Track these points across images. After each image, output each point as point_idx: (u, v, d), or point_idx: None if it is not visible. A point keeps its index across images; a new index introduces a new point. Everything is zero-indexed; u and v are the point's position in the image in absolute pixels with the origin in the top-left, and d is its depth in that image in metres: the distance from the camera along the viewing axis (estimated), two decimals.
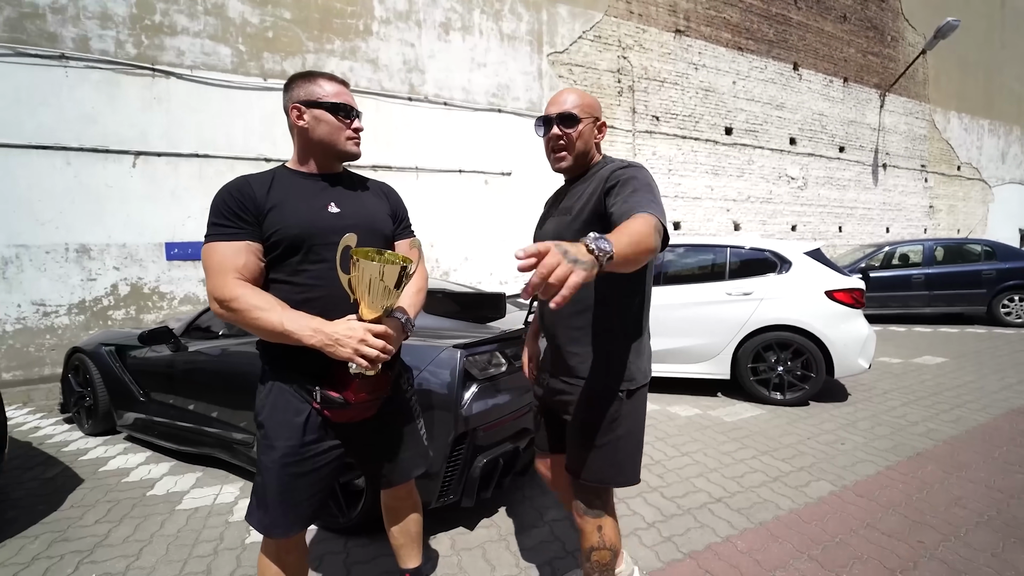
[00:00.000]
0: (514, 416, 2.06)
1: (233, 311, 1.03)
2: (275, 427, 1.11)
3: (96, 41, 4.81)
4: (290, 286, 1.12)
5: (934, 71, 12.96)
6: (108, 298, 4.88)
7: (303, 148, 1.21)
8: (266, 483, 1.11)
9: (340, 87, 1.20)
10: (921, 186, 12.93)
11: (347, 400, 1.10)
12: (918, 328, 6.84)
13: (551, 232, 1.26)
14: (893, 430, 2.99)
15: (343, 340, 1.02)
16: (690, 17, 8.71)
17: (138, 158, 4.94)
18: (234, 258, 1.06)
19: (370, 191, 1.32)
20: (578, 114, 1.20)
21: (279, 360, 1.14)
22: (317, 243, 1.12)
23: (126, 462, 2.84)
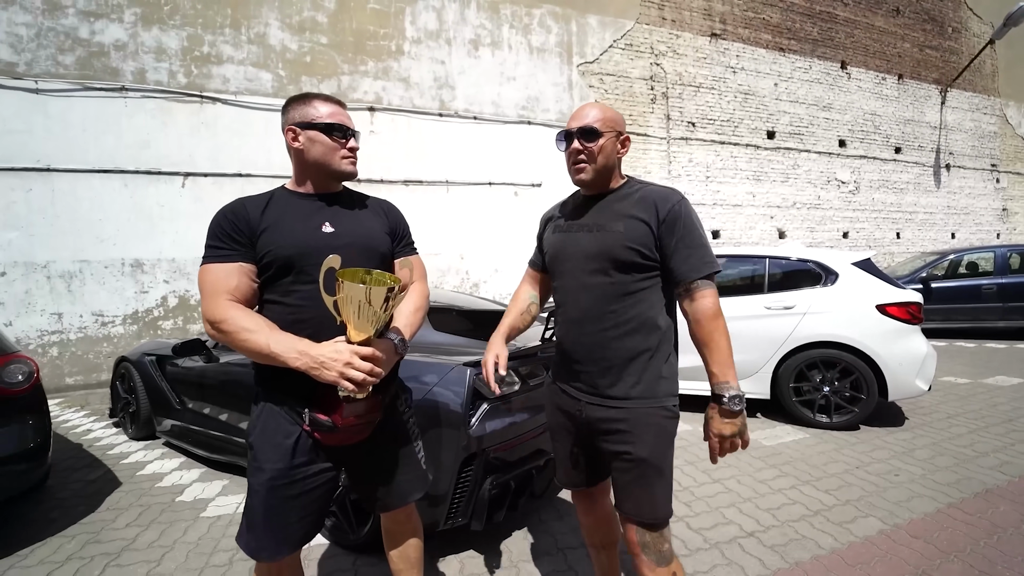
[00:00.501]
0: (529, 436, 1.99)
1: (223, 332, 1.04)
2: (264, 449, 1.10)
3: (152, 73, 5.21)
4: (282, 307, 1.12)
5: (1005, 62, 11.94)
6: (158, 309, 5.20)
7: (300, 169, 1.21)
8: (254, 505, 1.10)
9: (335, 107, 1.20)
10: (992, 187, 11.86)
11: (335, 424, 1.07)
12: (990, 344, 6.20)
13: (586, 246, 1.20)
14: (957, 461, 2.68)
15: (328, 363, 0.99)
16: (726, 20, 8.45)
17: (187, 179, 5.28)
18: (226, 280, 1.07)
19: (368, 209, 1.31)
20: (599, 128, 1.18)
21: (270, 382, 1.13)
22: (309, 263, 1.11)
23: (161, 467, 2.97)
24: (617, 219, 1.18)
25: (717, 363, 1.07)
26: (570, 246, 1.25)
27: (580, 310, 1.20)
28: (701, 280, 1.11)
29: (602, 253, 1.16)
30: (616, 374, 1.16)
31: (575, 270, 1.22)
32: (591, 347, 1.18)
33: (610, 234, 1.17)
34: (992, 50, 11.49)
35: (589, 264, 1.19)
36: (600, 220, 1.20)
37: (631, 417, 1.14)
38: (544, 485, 2.14)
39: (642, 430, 1.13)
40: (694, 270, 1.11)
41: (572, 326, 1.23)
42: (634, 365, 1.15)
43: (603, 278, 1.17)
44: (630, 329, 1.15)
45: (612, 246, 1.15)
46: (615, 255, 1.15)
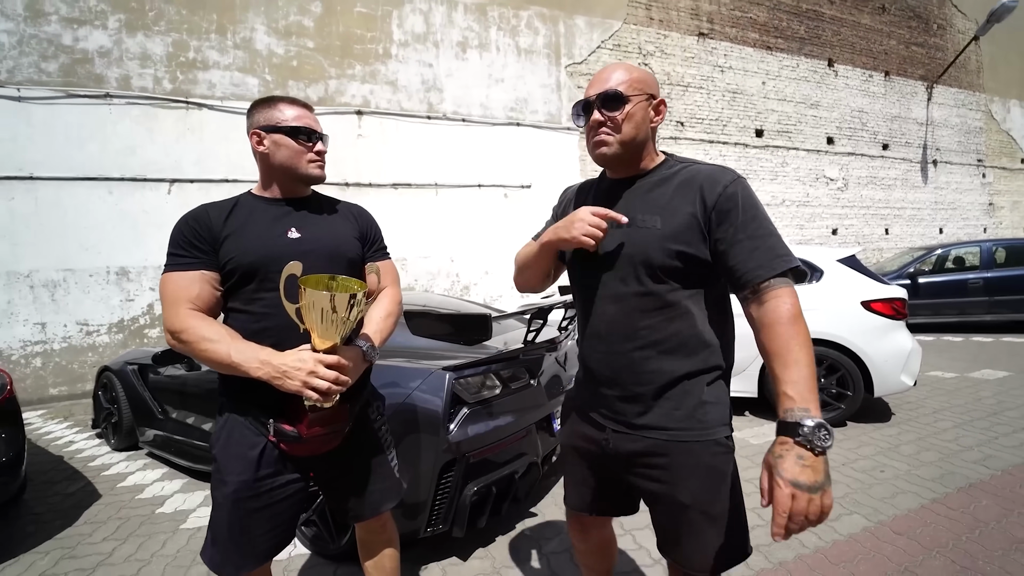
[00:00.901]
0: (510, 441, 1.97)
1: (184, 342, 1.02)
2: (228, 461, 1.08)
3: (136, 79, 5.16)
4: (246, 315, 1.10)
5: (988, 58, 12.07)
6: (144, 317, 5.14)
7: (265, 173, 1.20)
8: (218, 519, 1.08)
9: (301, 110, 1.19)
10: (979, 182, 11.98)
11: (300, 434, 1.05)
12: (977, 338, 6.24)
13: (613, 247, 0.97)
14: (942, 456, 2.69)
15: (291, 372, 0.97)
16: (714, 19, 8.50)
17: (173, 185, 5.24)
18: (187, 288, 1.05)
19: (338, 214, 1.29)
20: (625, 91, 0.93)
21: (234, 392, 1.11)
22: (273, 270, 1.08)
23: (143, 478, 2.93)
24: (653, 211, 0.94)
25: (793, 381, 0.77)
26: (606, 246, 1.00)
27: (606, 324, 0.99)
28: (774, 279, 0.84)
29: (633, 256, 0.94)
30: (648, 401, 0.96)
31: (599, 275, 1.00)
32: (619, 369, 0.98)
33: (644, 231, 0.94)
34: (976, 46, 11.61)
35: (617, 269, 0.97)
36: (631, 212, 0.96)
37: (671, 452, 0.94)
38: (527, 489, 2.13)
39: (685, 470, 0.93)
40: (762, 267, 0.85)
41: (597, 342, 1.02)
42: (673, 391, 0.94)
43: (634, 287, 0.95)
44: (668, 348, 0.94)
45: (646, 247, 0.93)
46: (650, 258, 0.92)
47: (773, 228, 0.89)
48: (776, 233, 0.89)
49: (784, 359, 0.80)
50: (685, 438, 0.93)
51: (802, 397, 0.76)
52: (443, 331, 2.00)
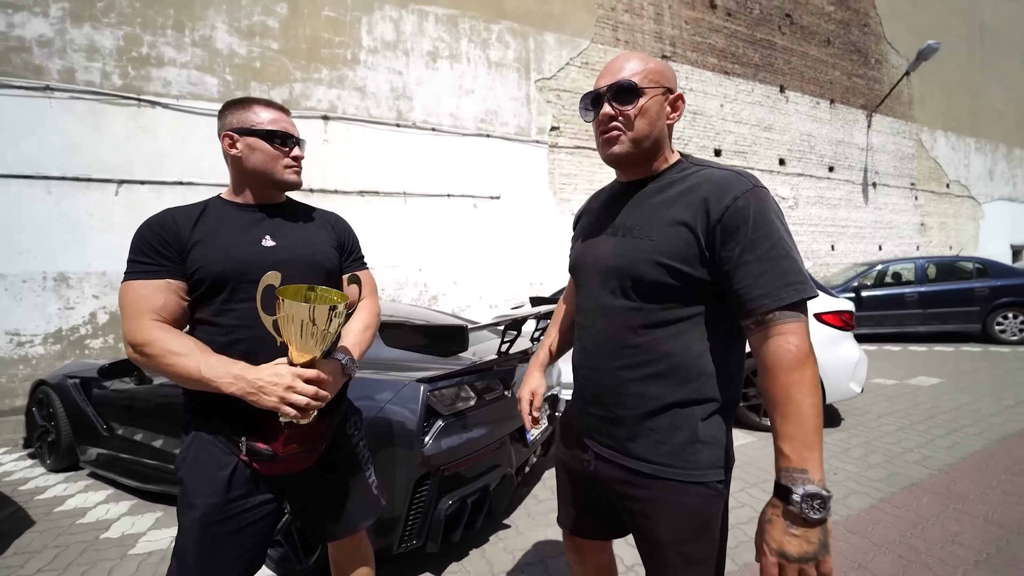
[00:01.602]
0: (485, 453, 1.96)
1: (147, 356, 0.95)
2: (195, 483, 1.01)
3: (82, 73, 4.85)
4: (215, 327, 1.04)
5: (919, 92, 13.22)
6: (86, 327, 4.78)
7: (237, 178, 1.15)
8: (185, 545, 1.00)
9: (278, 113, 1.15)
10: (912, 204, 13.02)
11: (276, 453, 1.01)
12: (913, 347, 6.75)
13: (605, 256, 0.91)
14: (887, 458, 2.88)
15: (267, 388, 0.92)
16: (676, 43, 8.90)
17: (121, 186, 4.93)
18: (151, 298, 0.99)
19: (314, 222, 1.25)
20: (640, 83, 0.85)
21: (202, 408, 1.05)
22: (246, 280, 1.04)
23: (84, 501, 2.70)
24: (647, 219, 0.87)
25: (790, 436, 0.70)
26: (588, 254, 0.96)
27: (593, 339, 0.94)
28: (781, 311, 0.74)
29: (621, 268, 0.87)
30: (633, 427, 0.87)
31: (592, 286, 0.94)
32: (605, 388, 0.91)
33: (636, 242, 0.86)
34: (908, 81, 12.70)
35: (607, 281, 0.90)
36: (629, 220, 0.89)
37: (651, 487, 0.86)
38: (501, 501, 2.11)
39: (664, 507, 0.85)
40: (769, 295, 0.75)
41: (584, 357, 0.97)
42: (658, 420, 0.85)
43: (623, 301, 0.88)
44: (656, 372, 0.85)
45: (635, 260, 0.85)
46: (638, 272, 0.84)
47: (788, 249, 0.77)
48: (791, 255, 0.77)
49: (783, 410, 0.71)
50: (668, 475, 0.84)
51: (799, 456, 0.69)
52: (417, 342, 1.98)
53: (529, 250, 7.25)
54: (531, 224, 7.29)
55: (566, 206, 7.63)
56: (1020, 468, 2.66)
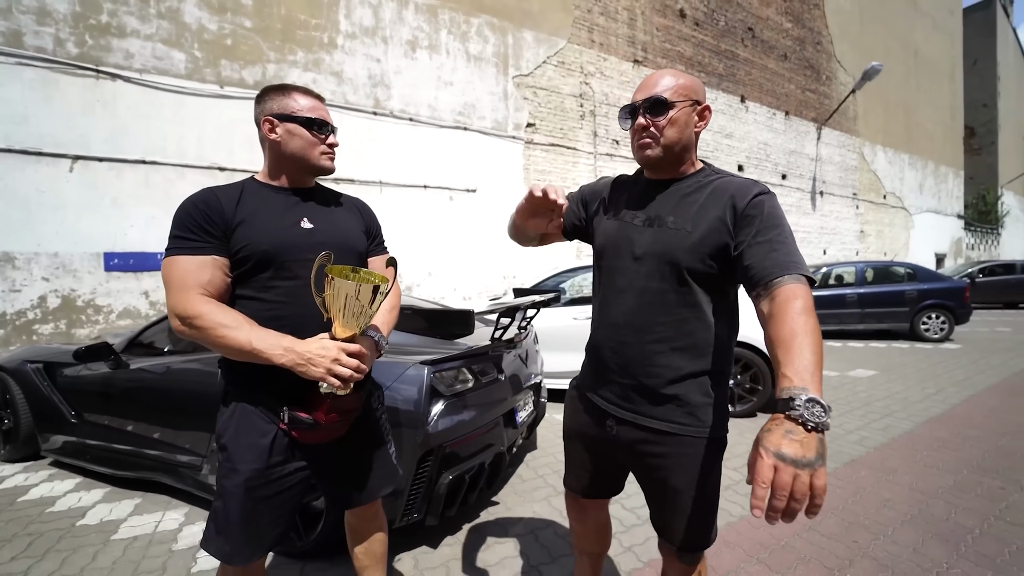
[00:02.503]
0: (481, 432, 2.07)
1: (197, 328, 1.00)
2: (239, 450, 1.07)
3: (31, 37, 4.51)
4: (259, 303, 1.09)
5: (863, 108, 14.29)
6: (34, 311, 4.49)
7: (275, 162, 1.19)
8: (228, 508, 1.06)
9: (316, 101, 1.20)
10: (853, 212, 14.10)
11: (317, 421, 1.07)
12: (852, 343, 7.39)
13: (644, 244, 1.02)
14: (831, 439, 3.21)
15: (316, 360, 0.99)
16: (647, 49, 9.22)
17: (76, 162, 4.63)
18: (198, 273, 1.03)
19: (343, 207, 1.31)
20: (670, 98, 0.99)
21: (244, 380, 1.10)
22: (288, 259, 1.10)
23: (51, 490, 2.60)
24: (687, 216, 0.99)
25: (793, 364, 0.74)
26: (624, 240, 1.06)
27: (624, 315, 1.05)
28: (787, 276, 0.84)
29: (662, 255, 0.99)
30: (656, 394, 1.01)
31: (625, 268, 1.05)
32: (632, 360, 1.03)
33: (676, 234, 0.99)
34: (854, 98, 13.70)
35: (644, 265, 1.02)
36: (665, 214, 1.02)
37: (670, 444, 1.01)
38: (494, 478, 2.23)
39: (680, 459, 1.00)
40: (778, 266, 0.86)
41: (612, 331, 1.07)
42: (680, 387, 1.00)
43: (659, 284, 1.00)
44: (680, 346, 1.00)
45: (676, 249, 0.98)
46: (677, 260, 0.97)
47: (793, 241, 0.90)
48: (795, 246, 0.90)
49: (788, 345, 0.76)
50: (686, 432, 1.00)
51: (801, 378, 0.71)
52: (422, 326, 2.05)
53: (503, 243, 7.35)
54: (506, 218, 7.37)
55: None
56: (939, 445, 3.05)
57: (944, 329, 7.36)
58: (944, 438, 3.18)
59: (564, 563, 1.86)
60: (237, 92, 5.39)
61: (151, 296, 4.95)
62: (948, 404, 3.98)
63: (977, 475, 2.61)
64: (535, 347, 2.94)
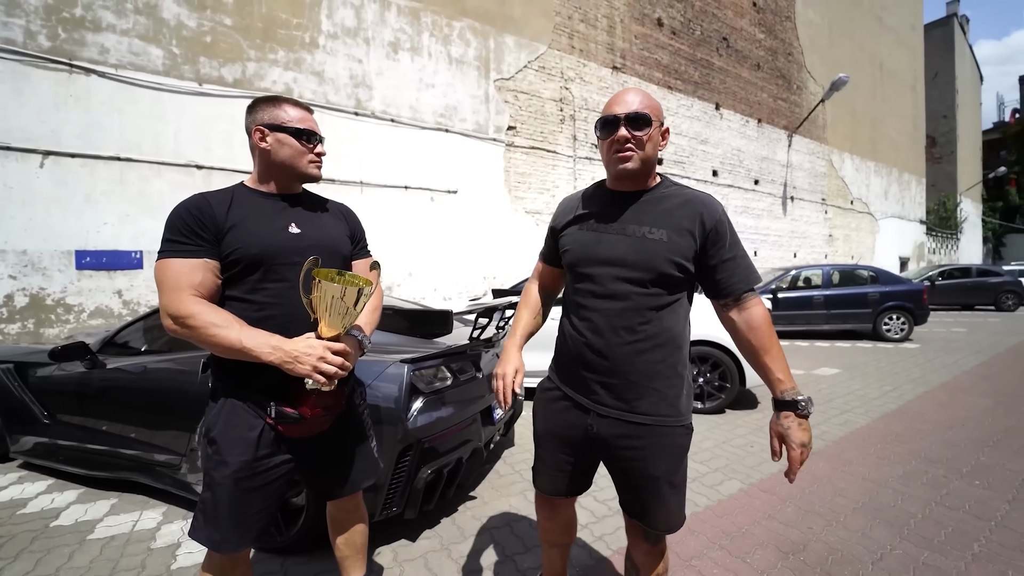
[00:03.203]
0: (458, 428, 2.14)
1: (189, 328, 1.05)
2: (228, 443, 1.12)
3: (0, 28, 4.39)
4: (247, 304, 1.15)
5: (831, 117, 14.87)
6: (2, 310, 4.36)
7: (264, 169, 1.24)
8: (217, 499, 1.11)
9: (304, 113, 1.26)
10: (822, 217, 14.65)
11: (303, 416, 1.13)
12: (818, 343, 7.72)
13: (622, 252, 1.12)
14: None
15: (302, 357, 1.06)
16: (626, 56, 9.43)
17: (47, 158, 4.52)
18: (190, 275, 1.08)
19: (329, 212, 1.37)
20: (650, 115, 1.09)
21: (232, 376, 1.15)
22: (277, 263, 1.16)
23: (22, 492, 2.56)
24: (659, 225, 1.10)
25: (781, 369, 1.05)
26: (602, 249, 1.14)
27: (609, 319, 1.12)
28: (750, 292, 1.10)
29: (640, 262, 1.09)
30: (640, 390, 1.11)
31: (605, 276, 1.13)
32: (620, 359, 1.11)
33: (651, 242, 1.09)
34: (823, 107, 14.25)
35: (623, 271, 1.11)
36: (639, 224, 1.11)
37: (650, 435, 1.11)
38: (471, 474, 2.31)
39: (659, 449, 1.11)
40: (744, 282, 1.09)
41: (594, 336, 1.14)
42: (658, 381, 1.11)
43: (637, 288, 1.10)
44: (657, 343, 1.10)
45: (653, 256, 1.08)
46: (654, 266, 1.08)
47: (745, 251, 1.13)
48: (747, 255, 1.13)
49: (770, 353, 1.07)
50: (665, 423, 1.11)
51: (790, 380, 1.06)
52: (402, 325, 2.12)
53: (483, 245, 7.44)
54: (486, 219, 7.47)
55: (520, 204, 7.90)
56: (892, 438, 3.26)
57: (904, 330, 7.74)
58: (897, 432, 3.40)
59: (537, 553, 1.95)
60: (216, 90, 5.33)
61: (124, 295, 4.86)
62: (903, 400, 4.23)
63: (924, 465, 2.81)
64: None
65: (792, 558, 1.92)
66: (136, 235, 4.85)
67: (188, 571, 1.85)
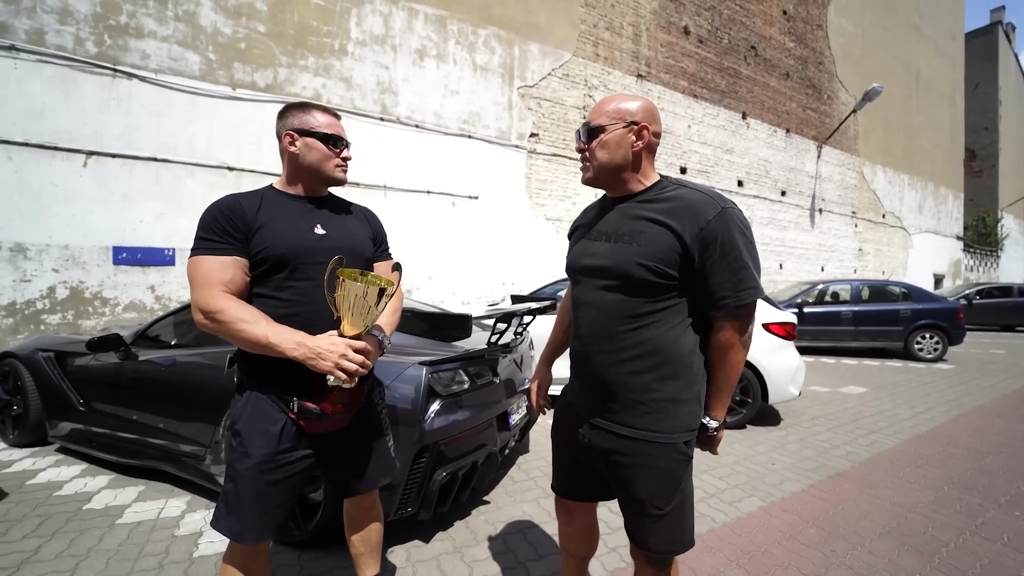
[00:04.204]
0: (474, 432, 2.15)
1: (218, 322, 1.09)
2: (252, 436, 1.16)
3: (53, 36, 4.65)
4: (274, 301, 1.19)
5: (863, 128, 14.47)
6: (43, 301, 4.58)
7: (293, 172, 1.29)
8: (239, 490, 1.14)
9: (332, 119, 1.31)
10: (852, 230, 14.23)
11: (324, 411, 1.16)
12: (846, 360, 7.47)
13: (599, 257, 1.11)
14: (818, 452, 3.29)
15: (325, 354, 1.09)
16: (651, 64, 9.39)
17: (90, 158, 4.75)
18: (221, 272, 1.13)
19: (353, 215, 1.41)
20: (603, 123, 1.07)
21: (257, 370, 1.19)
22: (303, 262, 1.20)
23: (58, 475, 2.68)
24: (637, 229, 1.05)
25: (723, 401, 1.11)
26: (585, 255, 1.14)
27: (590, 326, 1.12)
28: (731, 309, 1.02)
29: (612, 268, 1.06)
30: (621, 402, 1.07)
31: (587, 283, 1.14)
32: (601, 367, 1.10)
33: (625, 247, 1.05)
34: (855, 118, 13.89)
35: (599, 278, 1.10)
36: (618, 228, 1.09)
37: (635, 452, 1.06)
38: (486, 478, 2.31)
39: (644, 471, 1.05)
40: (731, 296, 1.00)
41: (580, 343, 1.15)
42: (642, 394, 1.05)
43: (614, 295, 1.07)
44: (639, 354, 1.05)
45: (624, 261, 1.04)
46: (626, 271, 1.03)
47: (747, 261, 1.00)
48: (749, 266, 1.00)
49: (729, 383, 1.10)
50: (650, 438, 1.04)
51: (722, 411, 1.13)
52: (421, 328, 2.14)
53: (503, 251, 7.47)
54: (506, 226, 7.51)
55: (540, 211, 7.91)
56: (922, 462, 3.13)
57: (938, 349, 7.44)
58: (928, 455, 3.26)
59: (550, 560, 1.94)
60: (248, 94, 5.52)
61: (157, 290, 5.05)
62: (935, 422, 4.06)
63: (957, 491, 2.68)
64: (530, 352, 3.03)
65: None
66: (169, 233, 5.04)
67: (209, 560, 1.90)
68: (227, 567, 1.20)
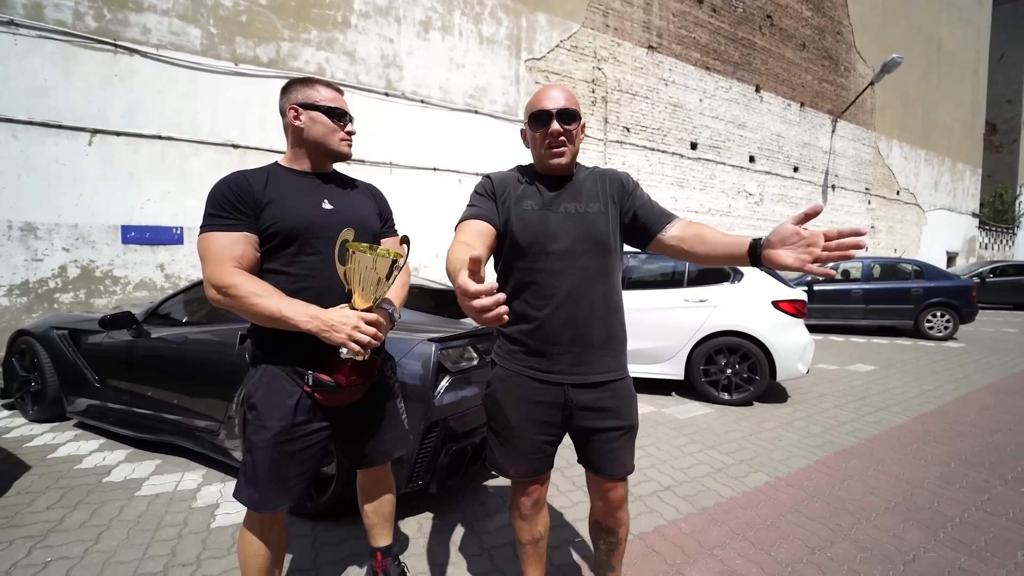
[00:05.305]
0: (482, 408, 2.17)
1: (231, 297, 1.09)
2: (268, 409, 1.17)
3: (51, 11, 4.56)
4: (284, 276, 1.19)
5: (880, 102, 14.01)
6: (55, 280, 4.63)
7: (298, 147, 1.28)
8: (256, 462, 1.16)
9: (336, 93, 1.29)
10: (865, 207, 13.94)
11: (338, 383, 1.18)
12: (854, 338, 7.43)
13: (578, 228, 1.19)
14: (824, 429, 3.30)
15: (338, 326, 1.09)
16: (662, 35, 9.08)
17: (95, 136, 4.72)
18: (231, 248, 1.12)
19: (359, 190, 1.40)
20: (577, 111, 1.20)
21: (271, 344, 1.20)
22: (312, 237, 1.19)
23: (77, 449, 2.75)
24: (593, 199, 1.23)
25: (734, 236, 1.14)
26: (557, 228, 1.19)
27: (570, 291, 1.18)
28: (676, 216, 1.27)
29: (591, 235, 1.19)
30: (601, 352, 1.21)
31: (563, 252, 1.18)
32: (584, 325, 1.18)
33: (599, 216, 1.21)
34: (872, 90, 13.44)
35: (581, 246, 1.19)
36: (582, 202, 1.22)
37: (615, 390, 1.22)
38: None
39: (625, 401, 1.24)
40: (665, 215, 1.25)
41: (560, 310, 1.18)
42: (613, 341, 1.23)
43: (592, 259, 1.20)
44: (612, 305, 1.23)
45: (596, 226, 1.20)
46: (599, 234, 1.20)
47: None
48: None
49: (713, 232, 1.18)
50: (622, 375, 1.25)
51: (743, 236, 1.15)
52: (430, 305, 2.14)
53: None
54: None
55: None
56: (929, 439, 3.13)
57: (948, 327, 7.36)
58: (935, 432, 3.26)
59: (558, 532, 1.98)
60: (251, 69, 5.43)
61: (166, 269, 5.08)
62: (943, 400, 4.04)
63: (964, 468, 2.69)
64: None
65: (819, 554, 1.88)
66: (177, 212, 5.04)
67: (226, 531, 1.96)
68: (246, 532, 1.23)
